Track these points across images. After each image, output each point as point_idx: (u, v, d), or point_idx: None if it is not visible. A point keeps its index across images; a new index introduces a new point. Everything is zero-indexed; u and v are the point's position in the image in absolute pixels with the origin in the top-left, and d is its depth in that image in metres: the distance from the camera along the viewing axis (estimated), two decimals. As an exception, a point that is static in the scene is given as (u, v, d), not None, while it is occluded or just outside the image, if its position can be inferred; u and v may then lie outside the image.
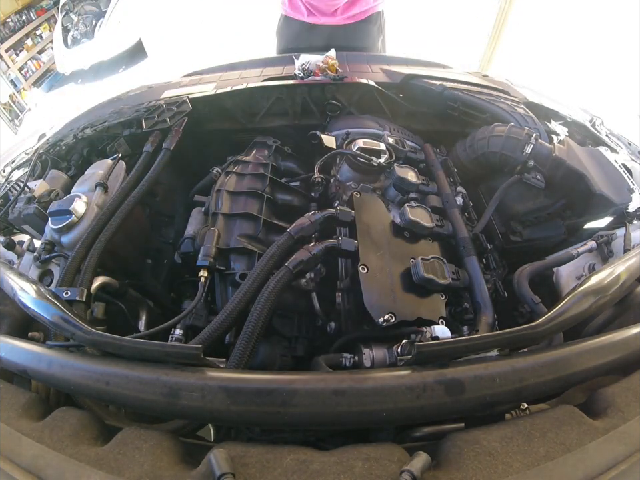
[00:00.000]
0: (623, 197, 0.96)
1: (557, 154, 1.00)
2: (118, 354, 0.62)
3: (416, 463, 0.47)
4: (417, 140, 1.26)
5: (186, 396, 0.55)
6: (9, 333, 0.85)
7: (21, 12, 5.53)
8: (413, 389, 0.54)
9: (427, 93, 1.29)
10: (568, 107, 1.35)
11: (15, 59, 5.46)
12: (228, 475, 0.46)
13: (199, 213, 1.07)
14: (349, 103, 1.32)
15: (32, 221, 1.01)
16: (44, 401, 0.67)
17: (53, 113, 4.68)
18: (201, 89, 1.35)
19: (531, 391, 0.57)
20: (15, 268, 0.90)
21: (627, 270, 0.71)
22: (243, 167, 1.12)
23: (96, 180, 1.03)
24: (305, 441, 0.68)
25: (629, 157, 1.16)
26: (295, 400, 0.53)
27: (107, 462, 0.51)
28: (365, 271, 0.77)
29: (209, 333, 0.71)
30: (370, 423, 0.57)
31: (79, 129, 1.28)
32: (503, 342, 0.61)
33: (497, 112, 1.18)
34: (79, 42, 5.17)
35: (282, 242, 0.80)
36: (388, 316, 0.71)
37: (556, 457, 0.49)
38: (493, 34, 3.34)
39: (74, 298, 0.77)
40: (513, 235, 1.06)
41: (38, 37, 5.86)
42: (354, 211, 0.88)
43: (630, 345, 0.62)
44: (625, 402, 0.56)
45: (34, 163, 1.21)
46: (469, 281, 0.84)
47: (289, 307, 0.88)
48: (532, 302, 0.78)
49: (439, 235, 0.92)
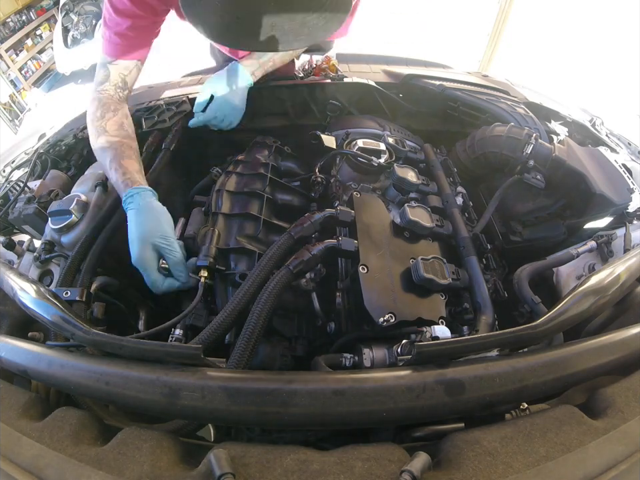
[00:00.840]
0: (623, 197, 0.96)
1: (557, 154, 1.00)
2: (118, 354, 0.62)
3: (416, 463, 0.47)
4: (416, 140, 1.26)
5: (186, 396, 0.55)
6: (9, 333, 0.85)
7: (20, 12, 5.52)
8: (413, 389, 0.54)
9: (427, 92, 1.29)
10: (568, 107, 1.35)
11: (14, 58, 5.46)
12: (228, 475, 0.46)
13: (199, 213, 1.07)
14: (349, 103, 1.32)
15: (32, 221, 1.01)
16: (44, 401, 0.67)
17: (53, 113, 4.67)
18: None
19: (530, 390, 0.57)
20: (15, 268, 0.90)
21: (626, 270, 0.71)
22: (243, 166, 1.12)
23: (96, 180, 1.03)
24: (305, 441, 0.68)
25: (629, 156, 1.16)
26: (294, 400, 0.53)
27: (106, 462, 0.51)
28: (365, 271, 0.77)
29: (209, 332, 0.71)
30: (370, 423, 0.57)
31: (79, 129, 1.28)
32: (503, 342, 0.61)
33: (497, 112, 1.18)
34: (79, 42, 5.17)
35: (282, 242, 0.80)
36: (388, 316, 0.71)
37: (556, 457, 0.49)
38: (493, 34, 3.35)
39: (74, 298, 0.77)
40: (513, 235, 1.06)
41: (38, 37, 5.86)
42: (354, 211, 0.88)
43: (630, 345, 0.62)
44: (625, 402, 0.56)
45: (34, 162, 1.21)
46: (469, 281, 0.84)
47: (289, 307, 0.88)
48: (532, 302, 0.78)
49: (439, 235, 0.92)
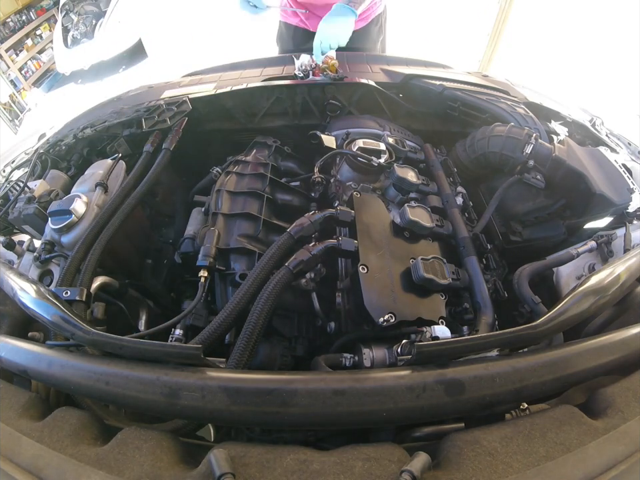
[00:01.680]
0: (623, 197, 0.96)
1: (557, 154, 1.00)
2: (118, 354, 0.62)
3: (416, 463, 0.47)
4: (416, 140, 1.26)
5: (186, 396, 0.55)
6: (9, 333, 0.85)
7: (21, 12, 5.52)
8: (413, 389, 0.54)
9: (427, 92, 1.29)
10: (568, 107, 1.35)
11: (14, 58, 5.46)
12: (228, 474, 0.46)
13: (199, 213, 1.07)
14: (349, 102, 1.32)
15: (32, 220, 1.01)
16: (44, 401, 0.67)
17: (53, 113, 4.67)
18: (200, 89, 1.35)
19: (530, 390, 0.57)
20: (15, 268, 0.90)
21: (626, 270, 0.71)
22: (243, 166, 1.12)
23: (96, 180, 1.03)
24: (305, 441, 0.68)
25: (629, 156, 1.16)
26: (294, 400, 0.53)
27: (106, 462, 0.51)
28: (364, 271, 0.77)
29: (209, 332, 0.71)
30: (370, 422, 0.57)
31: (79, 129, 1.28)
32: (503, 342, 0.61)
33: (497, 112, 1.18)
34: (79, 42, 5.16)
35: (282, 242, 0.80)
36: (388, 316, 0.71)
37: (556, 457, 0.49)
38: (493, 34, 3.35)
39: (74, 298, 0.77)
40: (513, 234, 1.06)
41: (38, 37, 5.85)
42: (354, 211, 0.88)
43: (630, 345, 0.62)
44: (625, 402, 0.56)
45: (34, 162, 1.21)
46: (469, 281, 0.84)
47: (289, 307, 0.88)
48: (532, 302, 0.78)
49: (439, 235, 0.92)
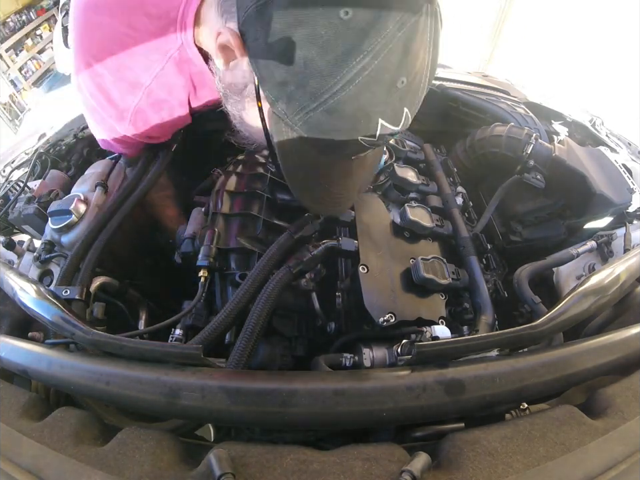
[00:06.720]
0: (623, 196, 0.96)
1: (557, 154, 1.00)
2: (118, 354, 0.62)
3: (416, 462, 0.47)
4: (416, 140, 1.25)
5: (186, 396, 0.54)
6: (9, 333, 0.85)
7: (21, 12, 5.50)
8: (413, 389, 0.54)
9: (427, 92, 1.29)
10: (568, 107, 1.35)
11: (14, 59, 5.45)
12: (228, 474, 0.46)
13: (199, 213, 1.07)
14: (348, 102, 1.32)
15: (32, 220, 1.01)
16: (44, 401, 0.67)
17: (53, 113, 4.67)
18: (201, 89, 1.35)
19: (531, 390, 0.57)
20: (15, 268, 0.90)
21: (626, 270, 0.71)
22: (243, 166, 1.12)
23: (96, 180, 1.03)
24: (305, 441, 0.68)
25: (629, 156, 1.16)
26: (294, 400, 0.53)
27: (106, 462, 0.51)
28: (365, 271, 0.76)
29: (209, 332, 0.70)
30: (370, 422, 0.57)
31: (79, 129, 1.28)
32: (503, 342, 0.61)
33: (497, 112, 1.18)
34: (79, 42, 5.16)
35: (282, 242, 0.80)
36: (388, 316, 0.71)
37: (556, 457, 0.49)
38: (493, 34, 3.35)
39: (73, 296, 0.76)
40: (513, 234, 1.06)
41: (38, 36, 5.84)
42: (354, 211, 0.88)
43: (630, 345, 0.62)
44: (625, 402, 0.56)
45: (34, 162, 1.20)
46: (469, 281, 0.84)
47: (289, 307, 0.88)
48: (532, 302, 0.78)
49: (439, 235, 0.92)
